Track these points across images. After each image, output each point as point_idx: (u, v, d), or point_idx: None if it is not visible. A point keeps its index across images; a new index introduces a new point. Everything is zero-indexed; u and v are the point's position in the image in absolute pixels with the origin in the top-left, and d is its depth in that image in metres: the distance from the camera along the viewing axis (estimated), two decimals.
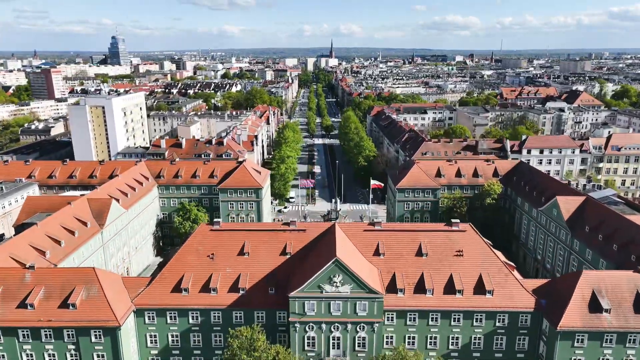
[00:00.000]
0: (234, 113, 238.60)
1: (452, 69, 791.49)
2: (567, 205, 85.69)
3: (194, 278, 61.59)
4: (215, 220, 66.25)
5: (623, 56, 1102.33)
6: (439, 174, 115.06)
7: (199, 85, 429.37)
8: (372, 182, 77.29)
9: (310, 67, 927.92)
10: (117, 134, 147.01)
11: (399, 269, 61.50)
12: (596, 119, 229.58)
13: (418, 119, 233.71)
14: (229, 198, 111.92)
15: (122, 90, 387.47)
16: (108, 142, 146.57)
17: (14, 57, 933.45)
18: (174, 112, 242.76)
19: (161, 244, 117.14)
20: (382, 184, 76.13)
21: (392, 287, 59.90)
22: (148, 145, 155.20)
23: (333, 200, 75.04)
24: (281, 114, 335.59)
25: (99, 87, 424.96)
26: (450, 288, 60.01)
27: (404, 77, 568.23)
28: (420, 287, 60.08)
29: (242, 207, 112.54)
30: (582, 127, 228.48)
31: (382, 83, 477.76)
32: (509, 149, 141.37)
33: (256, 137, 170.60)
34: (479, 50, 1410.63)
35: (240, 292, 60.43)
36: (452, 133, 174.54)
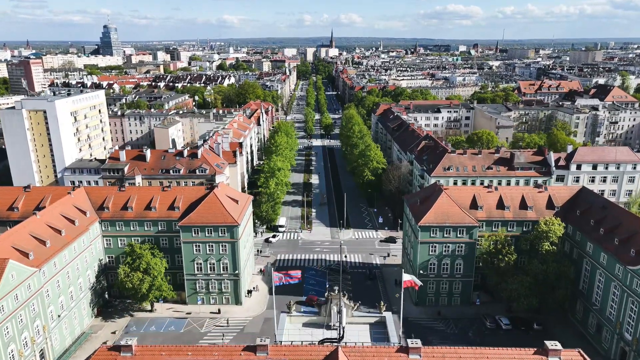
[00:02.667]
0: (221, 112, 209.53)
1: (457, 60, 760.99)
2: None
3: None
4: (123, 343, 37.87)
5: (630, 45, 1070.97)
6: (474, 205, 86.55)
7: (189, 77, 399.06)
8: (404, 277, 49.42)
9: (309, 58, 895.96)
10: (65, 145, 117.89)
11: None
12: (634, 119, 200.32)
13: (430, 119, 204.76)
14: (193, 238, 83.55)
15: (104, 83, 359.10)
16: (53, 156, 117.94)
17: (5, 47, 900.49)
18: (153, 110, 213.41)
19: (107, 296, 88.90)
20: (418, 284, 49.50)
21: None
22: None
23: (335, 309, 46.31)
24: (277, 110, 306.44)
25: (81, 79, 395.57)
26: None
27: (407, 69, 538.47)
28: None
29: (212, 249, 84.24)
30: (618, 129, 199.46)
31: (385, 75, 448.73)
32: (553, 164, 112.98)
33: (241, 144, 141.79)
34: (481, 40, 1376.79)
35: None
36: (477, 140, 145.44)
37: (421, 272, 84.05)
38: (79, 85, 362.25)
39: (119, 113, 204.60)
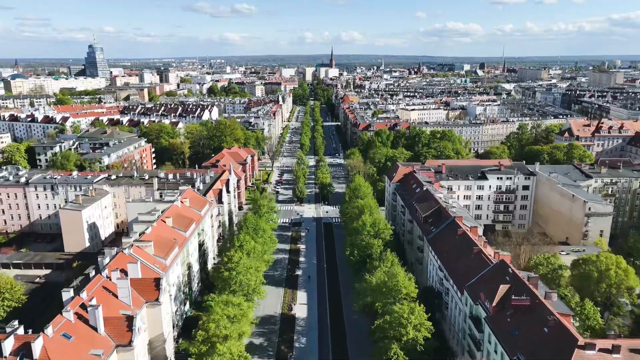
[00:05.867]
0: (171, 177, 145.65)
1: (466, 82, 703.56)
2: None
3: None
4: None
5: (638, 64, 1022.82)
6: None
7: (163, 108, 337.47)
8: None
9: (308, 77, 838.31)
10: None
11: None
12: None
13: (472, 189, 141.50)
14: None
15: (59, 116, 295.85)
16: None
17: None
18: (74, 175, 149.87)
19: None
20: None
21: None
22: None
23: None
24: (262, 154, 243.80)
25: (36, 110, 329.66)
26: None
27: (415, 94, 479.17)
28: None
29: None
30: None
31: (392, 102, 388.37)
32: None
33: (159, 282, 77.58)
34: (483, 58, 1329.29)
35: None
36: (598, 274, 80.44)
37: None
38: (28, 118, 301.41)
39: (22, 180, 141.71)
